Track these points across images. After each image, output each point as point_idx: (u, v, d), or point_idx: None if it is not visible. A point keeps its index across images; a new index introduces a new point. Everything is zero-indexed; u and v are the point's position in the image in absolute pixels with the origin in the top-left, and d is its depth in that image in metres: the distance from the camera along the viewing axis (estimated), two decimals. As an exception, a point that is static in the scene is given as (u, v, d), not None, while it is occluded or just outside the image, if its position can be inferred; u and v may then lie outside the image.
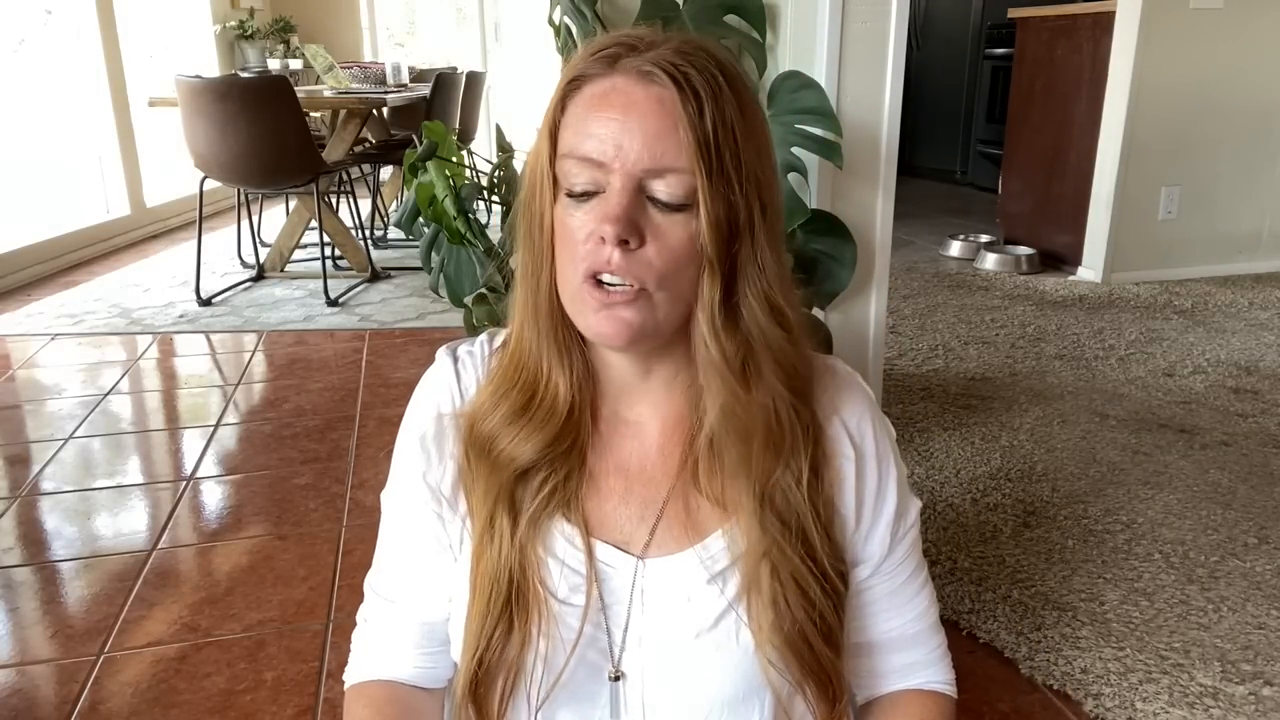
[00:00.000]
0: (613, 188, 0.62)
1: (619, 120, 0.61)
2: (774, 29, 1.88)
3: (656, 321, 0.64)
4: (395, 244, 4.63)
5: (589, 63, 0.64)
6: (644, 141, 0.61)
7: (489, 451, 0.69)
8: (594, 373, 0.71)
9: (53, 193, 4.44)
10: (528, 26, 5.11)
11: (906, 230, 4.72)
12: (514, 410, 0.69)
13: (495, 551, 0.69)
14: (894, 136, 1.92)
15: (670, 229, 0.62)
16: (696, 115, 0.60)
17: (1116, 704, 1.34)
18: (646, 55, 0.62)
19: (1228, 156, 3.74)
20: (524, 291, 0.69)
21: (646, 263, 0.62)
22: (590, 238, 0.62)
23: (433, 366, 0.77)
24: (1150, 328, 3.14)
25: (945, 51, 6.21)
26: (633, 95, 0.61)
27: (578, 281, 0.64)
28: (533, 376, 0.70)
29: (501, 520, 0.69)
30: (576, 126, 0.63)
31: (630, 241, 0.61)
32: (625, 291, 0.63)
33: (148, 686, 1.42)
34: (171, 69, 3.93)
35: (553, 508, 0.70)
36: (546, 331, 0.68)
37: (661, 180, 0.61)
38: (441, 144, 1.70)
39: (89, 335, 3.19)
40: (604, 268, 0.62)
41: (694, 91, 0.61)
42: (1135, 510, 1.90)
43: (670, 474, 0.72)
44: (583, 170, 0.62)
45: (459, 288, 1.73)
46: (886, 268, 2.01)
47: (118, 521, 1.94)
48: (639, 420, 0.73)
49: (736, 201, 0.63)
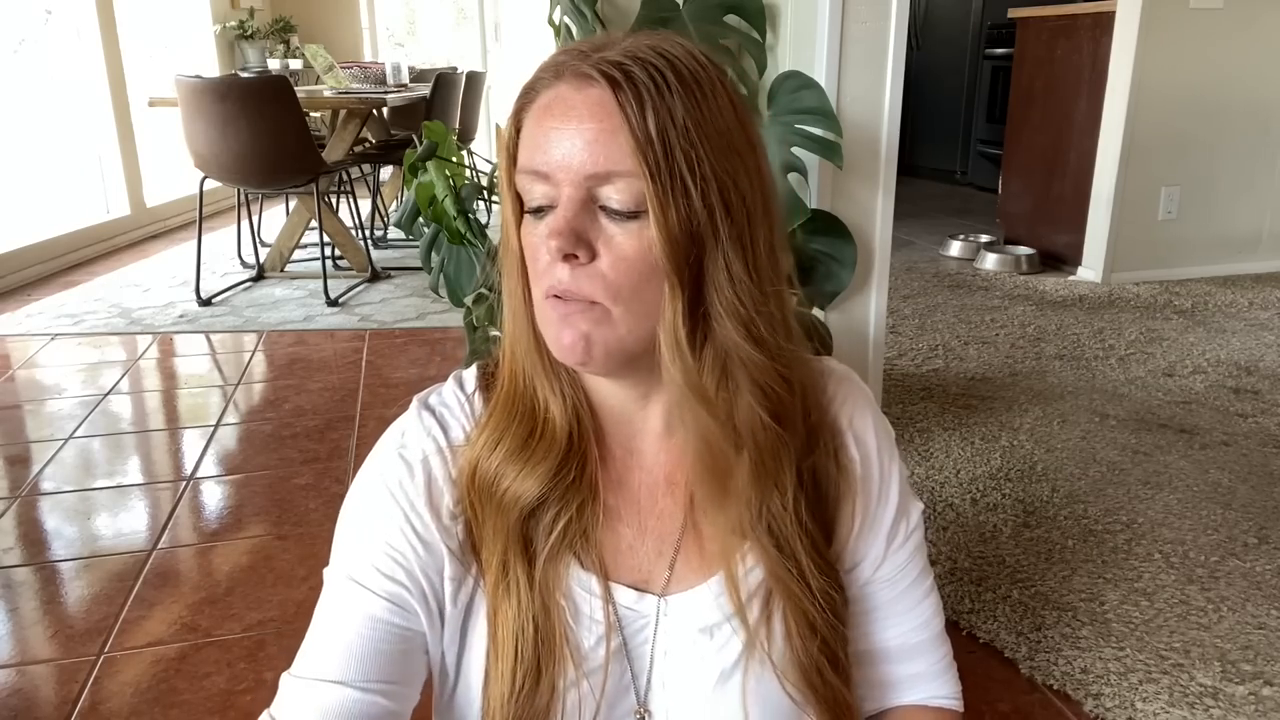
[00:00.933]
0: (561, 200, 0.58)
1: (559, 129, 0.58)
2: (774, 29, 1.88)
3: (619, 337, 0.60)
4: (395, 244, 4.63)
5: (539, 74, 0.62)
6: (584, 147, 0.57)
7: (494, 493, 0.65)
8: (593, 402, 0.68)
9: (53, 193, 4.44)
10: (528, 26, 5.11)
11: (906, 230, 4.72)
12: (516, 445, 0.65)
13: (515, 602, 0.65)
14: (894, 136, 1.92)
15: (623, 239, 0.58)
16: (638, 115, 0.56)
17: (1116, 704, 1.34)
18: (591, 59, 0.59)
19: (1228, 156, 3.74)
20: (510, 319, 0.66)
21: (599, 276, 0.58)
22: (547, 252, 0.59)
23: (406, 418, 0.70)
24: (1150, 328, 3.14)
25: (945, 51, 6.21)
26: (572, 101, 0.58)
27: (540, 298, 0.61)
28: (529, 407, 0.66)
29: (516, 566, 0.65)
30: (527, 141, 0.61)
31: (579, 255, 0.58)
32: (579, 304, 0.59)
33: (148, 686, 1.42)
34: (171, 69, 3.93)
35: (567, 545, 0.66)
36: (533, 359, 0.65)
37: (610, 186, 0.57)
38: (441, 144, 1.70)
39: (89, 335, 3.19)
40: (555, 286, 0.59)
41: (634, 90, 0.57)
42: (1135, 510, 1.90)
43: (682, 505, 0.69)
44: (535, 184, 0.60)
45: (459, 288, 1.73)
46: (886, 268, 2.01)
47: (118, 521, 1.94)
48: (643, 450, 0.69)
49: (694, 206, 0.57)
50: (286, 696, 0.66)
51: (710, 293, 0.60)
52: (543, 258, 0.60)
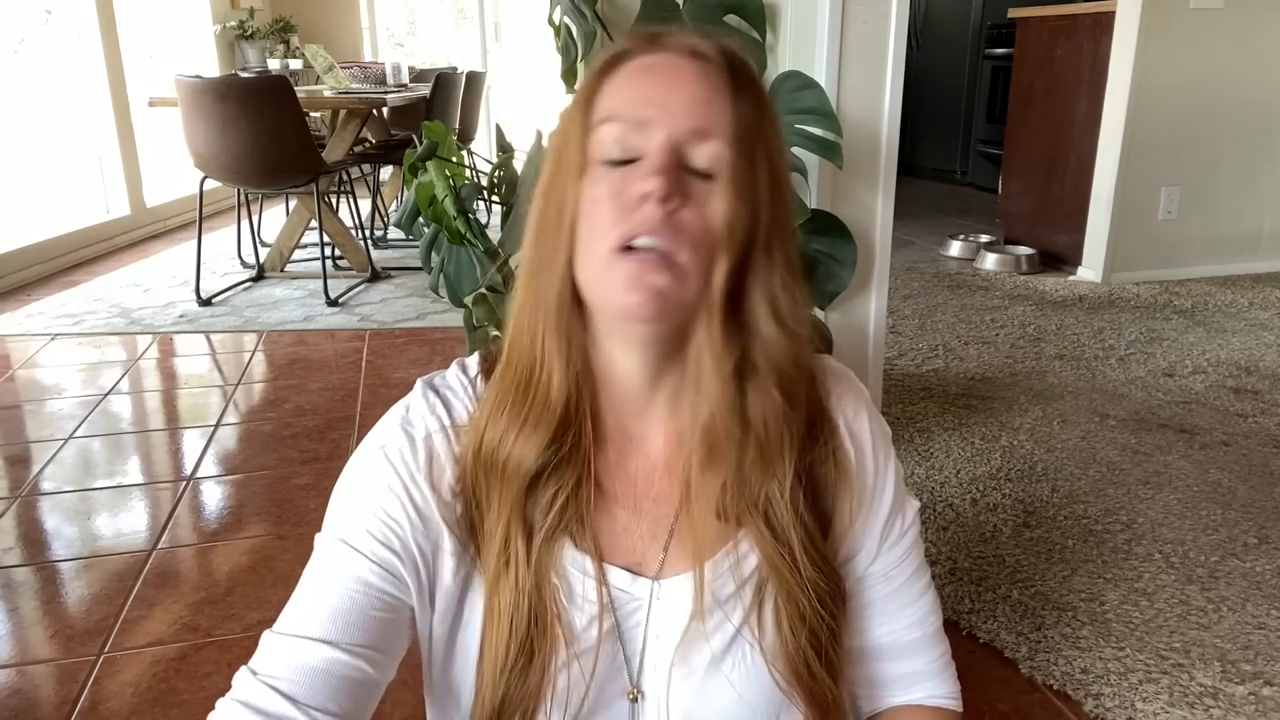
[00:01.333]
0: (653, 148, 0.60)
1: (664, 85, 0.62)
2: (774, 29, 1.88)
3: (682, 294, 0.61)
4: (395, 244, 4.63)
5: (631, 41, 0.65)
6: (689, 104, 0.61)
7: (496, 461, 0.66)
8: (599, 380, 0.68)
9: (53, 193, 4.44)
10: (528, 26, 5.11)
11: (906, 230, 4.72)
12: (513, 405, 0.66)
13: (512, 578, 0.66)
14: (894, 136, 1.92)
15: (706, 197, 0.61)
16: (736, 94, 0.62)
17: (1116, 704, 1.34)
18: (689, 35, 0.64)
19: (1228, 156, 3.74)
20: (531, 281, 0.66)
21: (682, 227, 0.60)
22: (627, 200, 0.60)
23: (410, 397, 0.72)
24: (1150, 328, 3.14)
25: (945, 51, 6.21)
26: (679, 65, 0.62)
27: (605, 252, 0.61)
28: (526, 368, 0.66)
29: (516, 541, 0.66)
30: (618, 93, 0.63)
31: (673, 200, 0.59)
32: (657, 256, 0.60)
33: (148, 686, 1.42)
34: (171, 69, 3.93)
35: (564, 526, 0.67)
36: (553, 320, 0.65)
37: (702, 145, 0.61)
38: (441, 144, 1.70)
39: (89, 335, 3.19)
40: (643, 228, 0.59)
41: (735, 73, 0.62)
42: (1135, 510, 1.90)
43: (678, 490, 0.70)
44: (623, 134, 0.61)
45: (459, 288, 1.73)
46: (886, 268, 2.01)
47: (118, 521, 1.94)
48: (644, 435, 0.70)
49: (759, 185, 0.62)
50: (268, 652, 0.65)
51: (750, 275, 0.63)
52: (618, 205, 0.60)
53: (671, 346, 0.66)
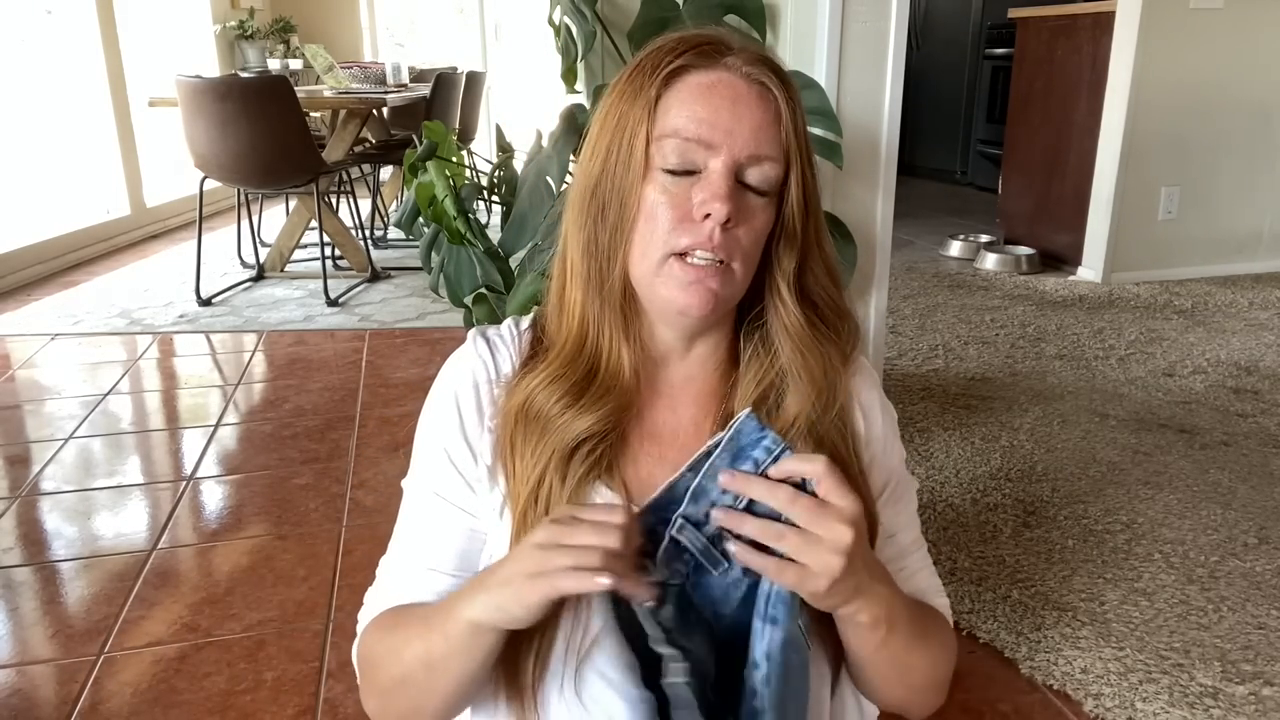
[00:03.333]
0: (714, 169, 0.67)
1: (729, 109, 0.67)
2: (774, 29, 1.88)
3: (733, 294, 0.71)
4: (395, 244, 4.63)
5: (690, 56, 0.69)
6: (751, 131, 0.67)
7: (542, 422, 0.72)
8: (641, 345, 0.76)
9: (53, 193, 4.44)
10: (528, 26, 5.11)
11: (906, 230, 4.72)
12: (576, 386, 0.72)
13: (541, 512, 0.71)
14: (894, 136, 1.92)
15: (757, 213, 0.69)
16: (790, 114, 0.69)
17: (1116, 704, 1.34)
18: (743, 56, 0.70)
19: (1228, 156, 3.74)
20: (586, 268, 0.73)
21: (736, 240, 0.68)
22: (688, 214, 0.68)
23: (463, 347, 0.80)
24: (1150, 328, 3.14)
25: (945, 51, 6.21)
26: (739, 89, 0.68)
27: (662, 255, 0.69)
28: (594, 351, 0.74)
29: (552, 480, 0.72)
30: (682, 110, 0.68)
31: (732, 221, 0.67)
32: (714, 265, 0.68)
33: (148, 686, 1.42)
34: (171, 69, 3.93)
35: (595, 473, 0.72)
36: (613, 306, 0.73)
37: (757, 167, 0.68)
38: (441, 144, 1.70)
39: (89, 335, 3.19)
40: (704, 244, 0.67)
41: (787, 94, 0.69)
42: (1135, 510, 1.90)
43: (701, 439, 0.74)
44: (686, 149, 0.68)
45: (459, 288, 1.73)
46: (886, 268, 2.01)
47: (118, 521, 1.94)
48: (673, 392, 0.77)
49: (811, 187, 0.72)
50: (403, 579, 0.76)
51: (810, 254, 0.74)
52: (680, 217, 0.68)
53: (709, 323, 0.74)
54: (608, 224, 0.71)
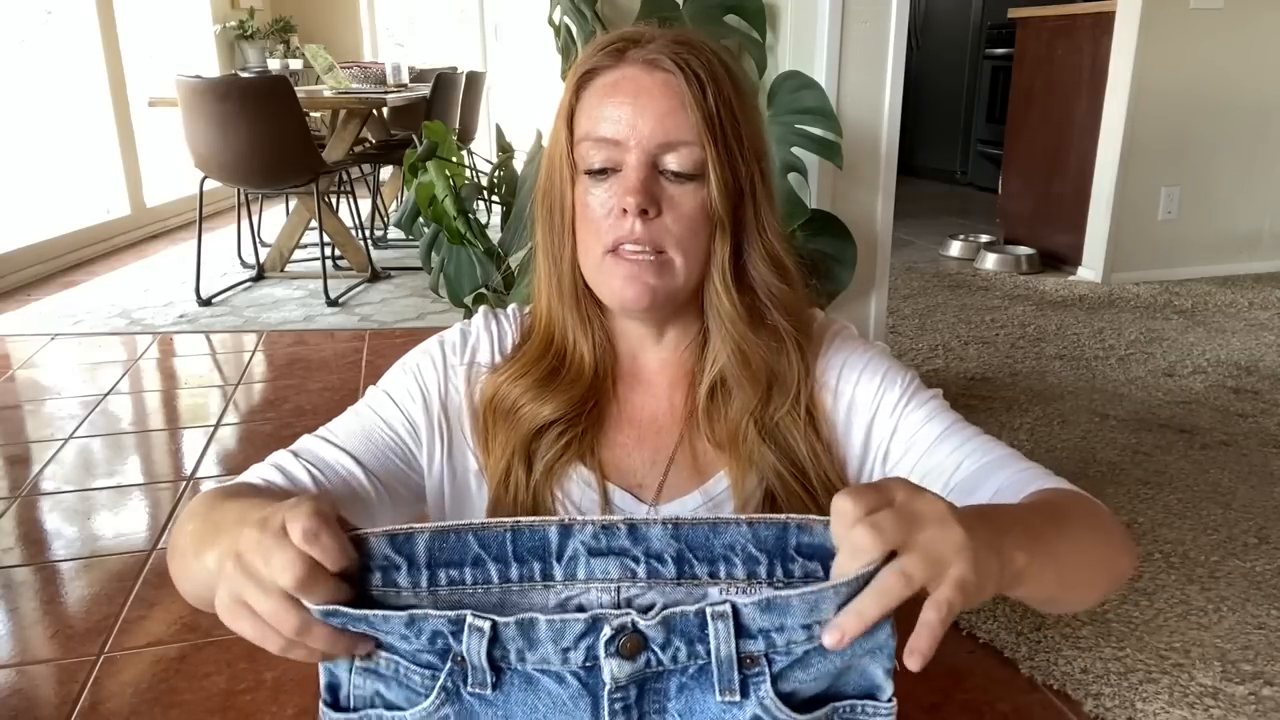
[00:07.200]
0: (629, 164, 0.69)
1: (631, 104, 0.69)
2: (774, 29, 1.88)
3: (676, 285, 0.71)
4: (395, 244, 4.63)
5: (598, 57, 0.72)
6: (655, 120, 0.68)
7: (509, 411, 0.75)
8: (612, 337, 0.78)
9: (53, 193, 4.44)
10: (528, 26, 5.10)
11: (906, 230, 4.72)
12: (542, 377, 0.75)
13: (511, 499, 0.74)
14: (894, 136, 1.92)
15: (683, 198, 0.70)
16: (700, 95, 0.68)
17: (1116, 704, 1.34)
18: (649, 47, 0.70)
19: (1228, 156, 3.74)
20: (545, 269, 0.77)
21: (664, 229, 0.70)
22: (611, 212, 0.70)
23: (475, 317, 0.83)
24: (1150, 328, 3.14)
25: (945, 51, 6.21)
26: (641, 81, 0.69)
27: (600, 253, 0.71)
28: (560, 346, 0.77)
29: (518, 471, 0.74)
30: (592, 113, 0.71)
31: (649, 211, 0.69)
32: (647, 258, 0.70)
33: (148, 686, 1.42)
34: (171, 69, 3.93)
35: (569, 456, 0.75)
36: (569, 304, 0.76)
37: (673, 154, 0.69)
38: (441, 144, 1.70)
39: (89, 335, 3.19)
40: (627, 238, 0.69)
41: (695, 75, 0.69)
42: (1135, 510, 1.90)
43: (678, 423, 0.78)
44: (600, 150, 0.70)
45: (459, 288, 1.74)
46: (886, 268, 2.02)
47: (118, 521, 1.94)
48: (649, 376, 0.80)
49: (740, 169, 0.71)
50: (307, 443, 0.78)
51: (748, 239, 0.73)
52: (606, 215, 0.70)
53: (674, 309, 0.75)
54: (554, 228, 0.75)
